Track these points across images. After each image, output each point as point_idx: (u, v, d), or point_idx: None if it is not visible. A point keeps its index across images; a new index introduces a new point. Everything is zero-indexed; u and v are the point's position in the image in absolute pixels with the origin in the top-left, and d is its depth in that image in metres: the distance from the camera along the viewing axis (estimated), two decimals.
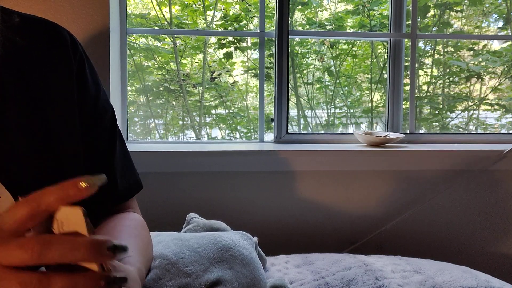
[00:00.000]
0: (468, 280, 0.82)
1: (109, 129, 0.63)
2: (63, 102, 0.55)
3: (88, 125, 0.59)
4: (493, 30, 1.91)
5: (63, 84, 0.56)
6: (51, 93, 0.54)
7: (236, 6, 1.74)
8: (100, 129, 0.61)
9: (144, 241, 0.59)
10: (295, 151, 1.29)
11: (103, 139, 0.62)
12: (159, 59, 1.72)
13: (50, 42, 0.56)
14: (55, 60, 0.55)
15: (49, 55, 0.55)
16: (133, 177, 0.67)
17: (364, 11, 1.78)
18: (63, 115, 0.55)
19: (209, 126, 1.83)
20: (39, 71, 0.53)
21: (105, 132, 0.63)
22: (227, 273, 0.63)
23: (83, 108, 0.58)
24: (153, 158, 1.23)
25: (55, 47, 0.56)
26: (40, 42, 0.55)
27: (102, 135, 0.62)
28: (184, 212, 0.93)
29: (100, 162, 0.61)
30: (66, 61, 0.56)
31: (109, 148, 0.63)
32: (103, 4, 1.21)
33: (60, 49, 0.56)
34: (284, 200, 1.32)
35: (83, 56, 0.60)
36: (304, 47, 1.85)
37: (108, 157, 0.62)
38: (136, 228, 0.60)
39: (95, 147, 0.60)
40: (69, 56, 0.57)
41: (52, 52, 0.55)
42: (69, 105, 0.56)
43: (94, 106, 0.61)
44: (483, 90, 1.92)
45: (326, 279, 0.82)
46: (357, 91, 1.87)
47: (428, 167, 1.36)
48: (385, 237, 1.35)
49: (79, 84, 0.58)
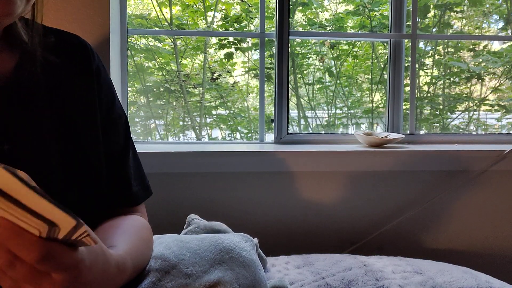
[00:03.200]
0: (469, 281, 0.82)
1: (123, 134, 0.67)
2: (88, 111, 0.61)
3: (104, 131, 0.63)
4: (494, 31, 1.91)
5: (87, 94, 0.61)
6: (78, 103, 0.60)
7: (236, 7, 1.74)
8: (115, 134, 0.65)
9: (141, 238, 0.61)
10: (295, 152, 1.29)
11: (118, 144, 0.66)
12: (160, 59, 1.72)
13: (77, 58, 0.62)
14: (80, 73, 0.61)
15: (76, 69, 0.61)
16: (144, 182, 0.71)
17: (364, 11, 1.78)
18: (88, 123, 0.61)
19: (210, 126, 1.83)
20: (68, 84, 0.60)
21: (120, 137, 0.66)
22: (227, 274, 0.64)
23: (100, 114, 0.63)
24: (153, 158, 1.23)
25: (81, 62, 0.62)
26: (69, 58, 0.61)
27: (118, 140, 0.66)
28: (184, 213, 0.93)
29: (116, 166, 0.65)
30: (88, 73, 0.62)
31: (124, 152, 0.66)
32: (104, 5, 1.21)
33: (84, 63, 0.62)
34: (284, 201, 1.32)
35: (100, 65, 0.65)
36: (304, 47, 1.85)
37: (123, 161, 0.66)
38: (135, 226, 0.62)
39: (111, 152, 0.64)
40: (90, 68, 0.62)
41: (78, 66, 0.62)
42: (92, 113, 0.61)
43: (110, 112, 0.65)
44: (483, 91, 1.92)
45: (326, 280, 0.82)
46: (357, 91, 1.87)
47: (428, 167, 1.36)
48: (386, 238, 1.35)
49: (98, 92, 0.63)
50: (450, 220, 1.39)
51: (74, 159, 0.58)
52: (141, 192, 0.69)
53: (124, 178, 0.65)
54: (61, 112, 0.58)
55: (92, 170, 0.60)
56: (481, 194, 1.39)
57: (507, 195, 1.40)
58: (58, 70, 0.59)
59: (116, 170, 0.64)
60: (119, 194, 0.65)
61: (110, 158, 0.64)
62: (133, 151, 0.69)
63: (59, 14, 1.19)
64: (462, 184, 1.37)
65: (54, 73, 0.58)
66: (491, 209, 1.40)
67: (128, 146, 0.68)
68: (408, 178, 1.36)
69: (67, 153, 0.58)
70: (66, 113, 0.58)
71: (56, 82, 0.58)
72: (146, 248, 0.62)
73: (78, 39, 0.64)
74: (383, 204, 1.35)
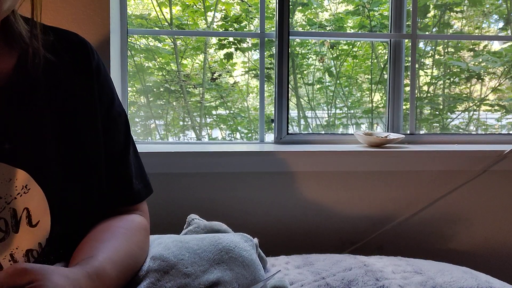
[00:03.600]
0: (469, 281, 0.82)
1: (124, 132, 0.67)
2: (88, 109, 0.61)
3: (104, 129, 0.63)
4: (494, 31, 1.91)
5: (86, 92, 0.61)
6: (78, 101, 0.60)
7: (236, 7, 1.74)
8: (115, 132, 0.65)
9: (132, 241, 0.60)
10: (295, 152, 1.29)
11: (119, 142, 0.65)
12: (160, 59, 1.72)
13: (76, 56, 0.62)
14: (80, 71, 0.61)
15: (75, 67, 0.61)
16: (145, 180, 0.70)
17: (364, 11, 1.78)
18: (88, 122, 0.61)
19: (210, 126, 1.83)
20: (67, 83, 0.60)
21: (120, 135, 0.66)
22: (226, 274, 0.64)
23: (100, 112, 0.62)
24: (153, 158, 1.23)
25: (80, 60, 0.62)
26: (68, 56, 0.61)
27: (118, 138, 0.65)
28: (184, 213, 0.93)
29: (116, 164, 0.64)
30: (88, 71, 0.62)
31: (124, 150, 0.66)
32: (104, 5, 1.21)
33: (84, 61, 0.62)
34: (284, 201, 1.32)
35: (99, 62, 0.65)
36: (304, 47, 1.85)
37: (124, 159, 0.66)
38: (128, 228, 0.61)
39: (111, 150, 0.64)
40: (90, 66, 0.62)
41: (78, 65, 0.61)
42: (92, 112, 0.61)
43: (109, 110, 0.64)
44: (483, 91, 1.92)
45: (326, 280, 0.82)
46: (357, 91, 1.87)
47: (428, 167, 1.36)
48: (386, 238, 1.35)
49: (98, 90, 0.62)
50: (450, 220, 1.39)
51: (74, 158, 0.58)
52: (142, 190, 0.68)
53: (125, 176, 0.65)
54: (61, 111, 0.58)
55: (92, 169, 0.60)
56: (481, 194, 1.39)
57: (507, 195, 1.40)
58: (57, 69, 0.59)
59: (116, 169, 0.64)
60: (120, 192, 0.65)
61: (110, 157, 0.63)
62: (133, 149, 0.69)
63: (59, 14, 1.19)
64: (462, 184, 1.37)
65: (53, 72, 0.58)
66: (491, 209, 1.40)
67: (129, 144, 0.67)
68: (408, 178, 1.36)
69: (67, 151, 0.58)
70: (66, 112, 0.58)
71: (56, 81, 0.58)
72: (138, 251, 0.61)
73: (77, 37, 0.64)
74: (383, 204, 1.35)
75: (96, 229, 0.59)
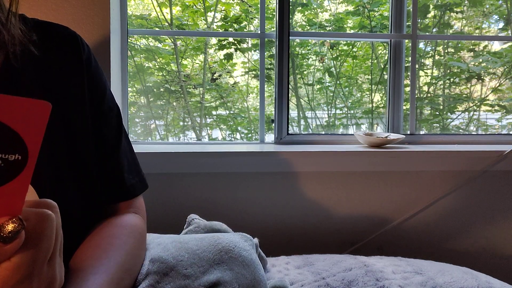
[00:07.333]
0: (469, 281, 0.82)
1: (115, 126, 0.66)
2: (77, 102, 0.60)
3: (95, 123, 0.62)
4: (494, 31, 1.91)
5: (76, 85, 0.60)
6: (67, 95, 0.59)
7: (236, 7, 1.74)
8: (106, 126, 0.64)
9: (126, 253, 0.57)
10: (295, 152, 1.29)
11: (110, 136, 0.64)
12: (160, 60, 1.72)
13: (65, 49, 0.60)
14: (69, 65, 0.60)
15: (63, 61, 0.60)
16: (139, 175, 0.69)
17: (364, 12, 1.78)
18: (77, 115, 0.59)
19: (210, 127, 1.83)
20: (57, 77, 0.58)
21: (112, 129, 0.65)
22: (226, 274, 0.63)
23: (90, 106, 0.61)
24: (153, 159, 1.23)
25: (70, 54, 0.61)
26: (58, 50, 0.60)
27: (109, 132, 0.64)
28: (184, 213, 0.93)
29: (107, 159, 0.63)
30: (77, 64, 0.61)
31: (115, 144, 0.65)
32: (104, 5, 1.21)
33: (72, 55, 0.61)
34: (284, 201, 1.32)
35: (90, 56, 0.63)
36: (304, 48, 1.85)
37: (115, 153, 0.64)
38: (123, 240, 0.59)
39: (103, 144, 0.63)
40: (80, 59, 0.61)
41: (66, 58, 0.60)
42: (82, 105, 0.60)
43: (100, 104, 0.63)
44: (483, 91, 1.92)
45: (326, 280, 0.82)
46: (357, 92, 1.87)
47: (428, 168, 1.36)
48: (386, 238, 1.35)
49: (88, 84, 0.61)
50: (450, 220, 1.38)
51: (63, 152, 0.57)
52: (136, 185, 0.67)
53: (116, 171, 0.64)
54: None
55: (81, 163, 0.59)
56: (481, 194, 1.39)
57: (507, 195, 1.40)
58: (47, 63, 0.58)
59: (108, 163, 0.63)
60: (113, 187, 0.64)
61: (101, 151, 0.62)
62: (126, 144, 0.68)
63: (59, 14, 1.19)
64: (462, 184, 1.37)
65: (43, 66, 0.57)
66: (491, 209, 1.40)
67: (120, 138, 0.66)
68: (408, 178, 1.36)
69: (56, 146, 0.57)
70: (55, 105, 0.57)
71: (45, 75, 0.57)
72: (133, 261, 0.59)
73: (67, 30, 0.62)
74: (383, 204, 1.35)
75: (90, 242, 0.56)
